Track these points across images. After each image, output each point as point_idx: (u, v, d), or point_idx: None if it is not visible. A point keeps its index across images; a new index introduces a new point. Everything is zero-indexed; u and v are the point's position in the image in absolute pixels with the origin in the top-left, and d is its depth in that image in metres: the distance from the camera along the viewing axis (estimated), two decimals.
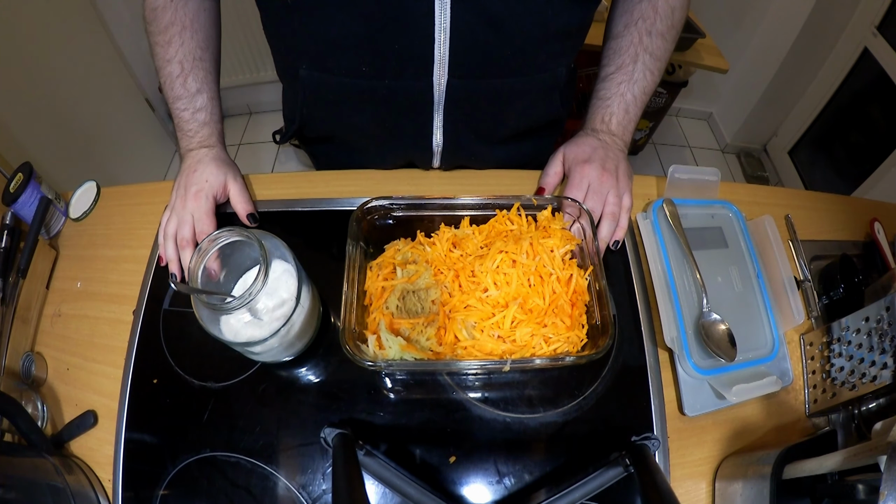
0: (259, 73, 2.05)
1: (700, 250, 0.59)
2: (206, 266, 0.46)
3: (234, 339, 0.45)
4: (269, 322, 0.47)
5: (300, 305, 0.47)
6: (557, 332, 0.50)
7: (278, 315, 0.47)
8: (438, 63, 0.53)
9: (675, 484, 0.50)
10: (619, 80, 0.62)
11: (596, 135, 0.63)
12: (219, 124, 0.63)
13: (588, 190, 0.60)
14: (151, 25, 0.59)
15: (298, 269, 0.48)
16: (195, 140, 0.61)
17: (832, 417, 0.54)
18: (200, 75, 0.60)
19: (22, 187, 0.62)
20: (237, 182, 0.62)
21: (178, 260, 0.58)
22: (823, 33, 1.79)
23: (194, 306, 0.45)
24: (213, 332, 0.45)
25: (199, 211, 0.58)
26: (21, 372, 0.54)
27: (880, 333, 0.50)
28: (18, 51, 1.36)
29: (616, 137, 0.63)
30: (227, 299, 0.43)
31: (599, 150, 0.61)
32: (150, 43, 0.60)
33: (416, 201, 0.56)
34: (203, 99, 0.61)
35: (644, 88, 0.62)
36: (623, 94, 0.62)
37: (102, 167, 1.73)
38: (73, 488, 0.46)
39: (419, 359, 0.47)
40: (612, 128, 0.63)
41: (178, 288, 0.48)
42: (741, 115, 2.17)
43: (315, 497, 0.48)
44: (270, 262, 0.45)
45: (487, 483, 0.49)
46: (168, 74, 0.60)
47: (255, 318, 0.47)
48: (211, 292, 0.44)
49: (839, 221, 0.71)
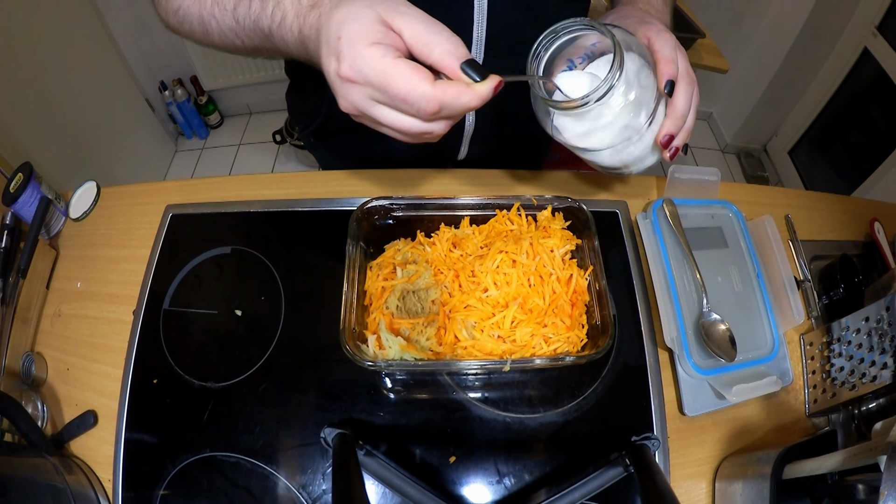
0: (259, 73, 2.05)
1: (700, 250, 0.59)
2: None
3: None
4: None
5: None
6: (557, 332, 0.50)
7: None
8: (476, 44, 0.55)
9: (675, 484, 0.50)
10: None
11: (636, 4, 0.55)
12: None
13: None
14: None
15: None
16: (289, 15, 0.40)
17: (832, 417, 0.54)
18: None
19: (22, 187, 0.62)
20: (410, 11, 0.36)
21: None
22: (823, 33, 1.79)
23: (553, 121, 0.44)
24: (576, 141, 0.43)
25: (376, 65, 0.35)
26: (21, 372, 0.54)
27: (880, 333, 0.50)
28: (18, 51, 1.36)
29: (656, 10, 0.55)
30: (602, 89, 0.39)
31: (650, 16, 0.51)
32: (179, 10, 0.47)
33: (416, 201, 0.56)
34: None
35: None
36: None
37: (102, 167, 1.73)
38: (73, 488, 0.46)
39: (419, 359, 0.47)
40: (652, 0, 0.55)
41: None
42: (741, 115, 2.17)
43: (315, 497, 0.48)
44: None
45: (487, 483, 0.49)
46: (213, 1, 0.45)
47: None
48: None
49: (839, 221, 0.71)
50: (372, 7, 0.35)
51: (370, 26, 0.34)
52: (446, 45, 0.35)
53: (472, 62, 0.36)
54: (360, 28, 0.34)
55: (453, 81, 0.35)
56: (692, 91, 0.44)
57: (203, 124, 2.21)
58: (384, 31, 0.35)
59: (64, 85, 1.54)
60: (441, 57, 0.35)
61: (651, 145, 0.45)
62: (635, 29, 0.46)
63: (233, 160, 2.18)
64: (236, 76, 2.05)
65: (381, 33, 0.35)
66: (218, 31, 0.46)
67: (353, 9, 0.35)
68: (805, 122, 2.00)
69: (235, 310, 0.58)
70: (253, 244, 0.62)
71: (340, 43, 0.35)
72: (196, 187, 0.68)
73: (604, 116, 0.43)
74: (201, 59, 1.95)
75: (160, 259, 0.61)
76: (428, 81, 0.34)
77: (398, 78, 0.34)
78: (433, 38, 0.35)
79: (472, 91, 0.35)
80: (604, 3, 1.52)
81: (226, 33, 0.46)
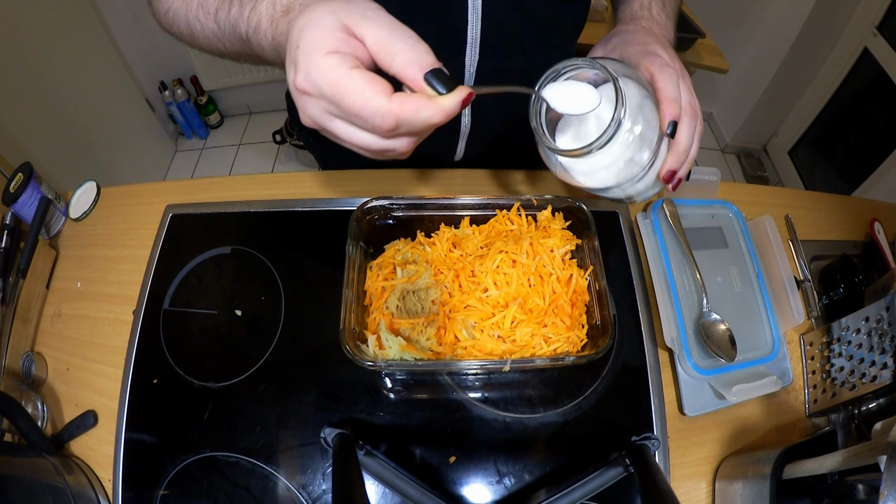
0: (259, 73, 2.05)
1: (700, 250, 0.59)
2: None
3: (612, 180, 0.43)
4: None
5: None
6: (557, 332, 0.50)
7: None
8: (471, 44, 0.55)
9: (675, 484, 0.50)
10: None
11: (638, 22, 0.53)
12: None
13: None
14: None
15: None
16: (263, 21, 0.38)
17: (832, 417, 0.54)
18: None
19: (22, 187, 0.62)
20: (374, 15, 0.33)
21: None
22: (823, 33, 1.79)
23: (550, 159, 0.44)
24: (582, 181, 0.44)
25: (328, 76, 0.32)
26: (21, 372, 0.54)
27: (880, 333, 0.50)
28: (18, 51, 1.36)
29: (659, 26, 0.54)
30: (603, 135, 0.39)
31: (652, 40, 0.49)
32: (169, 11, 0.46)
33: (416, 201, 0.56)
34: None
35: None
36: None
37: (102, 167, 1.73)
38: (73, 488, 0.46)
39: (419, 359, 0.47)
40: (654, 13, 0.54)
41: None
42: (741, 115, 2.17)
43: (315, 497, 0.48)
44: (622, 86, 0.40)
45: (487, 483, 0.49)
46: (198, 5, 0.43)
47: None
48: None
49: (839, 221, 0.71)
50: (334, 12, 0.32)
51: (329, 34, 0.32)
52: (409, 52, 0.32)
53: (438, 72, 0.32)
54: (318, 35, 0.32)
55: (413, 94, 0.32)
56: (695, 125, 0.43)
57: (203, 124, 2.22)
58: (345, 39, 0.32)
59: (64, 85, 1.54)
60: (403, 66, 0.32)
61: (654, 179, 0.45)
62: (638, 61, 0.44)
63: (233, 160, 2.18)
64: (236, 76, 2.05)
65: (340, 41, 0.32)
66: (203, 34, 0.44)
67: (314, 14, 0.33)
68: (805, 122, 2.00)
69: (235, 310, 0.58)
70: (253, 244, 0.62)
71: (298, 52, 0.32)
72: (196, 187, 0.68)
73: (608, 156, 0.43)
74: (201, 59, 1.95)
75: (160, 259, 0.61)
76: (383, 95, 0.31)
77: (350, 90, 0.31)
78: (396, 45, 0.32)
79: (435, 105, 0.32)
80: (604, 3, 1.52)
81: (209, 38, 0.44)
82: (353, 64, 0.31)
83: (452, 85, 0.32)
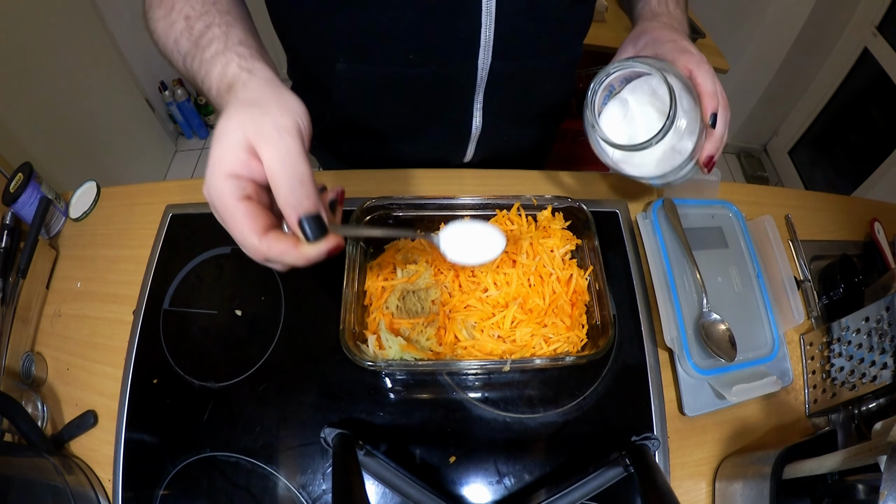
0: None
1: (700, 250, 0.59)
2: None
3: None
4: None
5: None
6: (557, 332, 0.50)
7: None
8: (483, 47, 0.55)
9: (675, 484, 0.50)
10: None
11: (659, 19, 0.56)
12: (241, 46, 0.40)
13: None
14: (150, 11, 0.46)
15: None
16: (213, 89, 0.39)
17: (832, 417, 0.54)
18: (211, 17, 0.42)
19: (22, 187, 0.62)
20: (276, 141, 0.33)
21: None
22: (823, 33, 1.79)
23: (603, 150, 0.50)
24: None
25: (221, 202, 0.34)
26: (21, 372, 0.54)
27: (880, 333, 0.50)
28: (18, 50, 1.36)
29: (678, 21, 0.56)
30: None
31: (680, 37, 0.52)
32: (155, 31, 0.46)
33: (416, 201, 0.56)
34: (213, 32, 0.41)
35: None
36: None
37: (102, 167, 1.73)
38: (73, 488, 0.46)
39: (419, 359, 0.47)
40: (671, 9, 0.57)
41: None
42: (741, 115, 2.17)
43: (315, 497, 0.48)
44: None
45: (487, 483, 0.49)
46: (174, 41, 0.43)
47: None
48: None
49: (839, 221, 0.71)
50: (243, 127, 0.33)
51: (233, 153, 0.32)
52: (290, 195, 0.32)
53: (311, 219, 0.33)
54: (223, 151, 0.33)
55: (282, 238, 0.33)
56: (727, 114, 0.49)
57: (203, 124, 2.21)
58: (245, 161, 0.33)
59: (64, 85, 1.54)
60: (283, 207, 0.33)
61: (693, 165, 0.49)
62: (674, 58, 0.48)
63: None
64: None
65: (241, 163, 0.32)
66: (177, 68, 0.45)
67: (228, 124, 0.33)
68: (805, 122, 2.00)
69: (235, 310, 0.58)
70: None
71: (209, 163, 0.33)
72: (196, 187, 0.68)
73: (657, 147, 0.47)
74: None
75: (160, 259, 0.61)
76: (256, 233, 0.33)
77: (233, 221, 0.33)
78: (282, 182, 0.32)
79: (297, 252, 0.34)
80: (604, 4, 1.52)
81: (181, 75, 0.45)
82: (242, 193, 0.33)
83: (322, 233, 0.34)
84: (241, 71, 0.37)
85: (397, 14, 0.51)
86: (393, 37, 0.54)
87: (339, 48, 0.56)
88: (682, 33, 0.54)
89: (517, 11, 0.53)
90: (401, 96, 0.61)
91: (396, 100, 0.62)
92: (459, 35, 0.54)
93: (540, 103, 0.69)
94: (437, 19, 0.52)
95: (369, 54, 0.56)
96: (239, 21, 0.44)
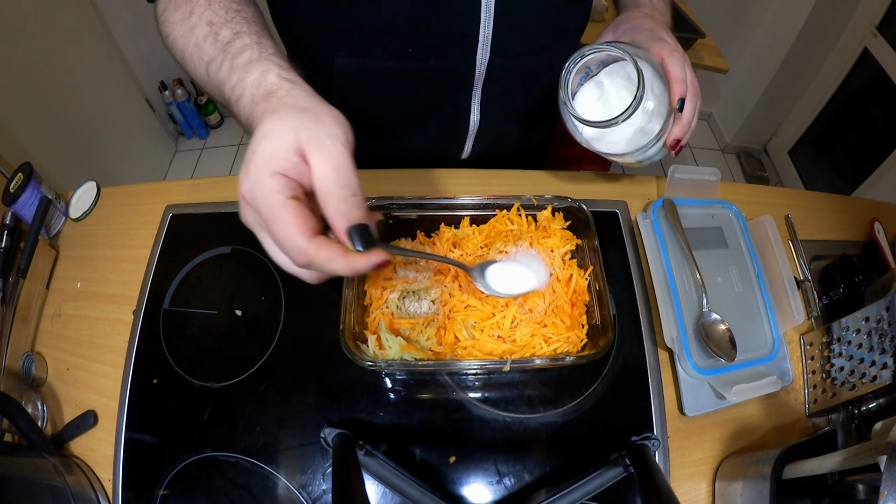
0: None
1: (700, 250, 0.59)
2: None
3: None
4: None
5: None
6: (557, 332, 0.50)
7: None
8: (482, 43, 0.55)
9: (675, 484, 0.50)
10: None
11: (642, 9, 0.58)
12: (276, 57, 0.40)
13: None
14: (166, 14, 0.46)
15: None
16: (245, 96, 0.38)
17: (832, 417, 0.54)
18: (239, 25, 0.43)
19: (22, 187, 0.62)
20: (329, 148, 0.33)
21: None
22: (823, 33, 1.79)
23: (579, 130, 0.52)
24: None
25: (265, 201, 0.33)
26: (21, 372, 0.54)
27: (880, 333, 0.50)
28: (19, 51, 1.36)
29: (660, 13, 0.59)
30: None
31: (658, 26, 0.54)
32: (171, 35, 0.46)
33: (416, 201, 0.56)
34: (245, 40, 0.41)
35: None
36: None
37: (102, 167, 1.73)
38: (73, 488, 0.46)
39: (419, 359, 0.47)
40: (655, 1, 0.60)
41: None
42: (741, 115, 2.17)
43: (315, 497, 0.48)
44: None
45: (487, 483, 0.49)
46: (195, 46, 0.43)
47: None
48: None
49: (839, 221, 0.71)
50: (296, 130, 0.32)
51: (283, 153, 0.32)
52: (341, 204, 0.32)
53: (362, 228, 0.33)
54: (271, 151, 0.32)
55: (331, 243, 0.33)
56: (696, 101, 0.51)
57: (203, 124, 2.22)
58: (295, 163, 0.32)
59: (64, 85, 1.54)
60: (332, 215, 0.33)
61: (661, 146, 0.52)
62: (649, 45, 0.51)
63: (233, 160, 2.17)
64: None
65: (291, 164, 0.32)
66: (194, 74, 0.45)
67: (278, 125, 0.33)
68: (805, 122, 2.00)
69: (235, 310, 0.58)
70: (253, 244, 0.60)
71: (252, 159, 0.33)
72: (196, 187, 0.68)
73: (627, 126, 0.50)
74: None
75: (160, 259, 0.61)
76: (305, 234, 0.32)
77: (280, 220, 0.32)
78: (334, 190, 0.32)
79: (346, 260, 0.33)
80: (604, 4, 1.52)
81: (198, 80, 0.45)
82: (291, 193, 0.32)
83: (371, 245, 0.34)
84: (283, 81, 0.37)
85: (396, 8, 0.52)
86: (392, 31, 0.54)
87: (339, 42, 0.56)
88: (663, 24, 0.56)
89: (516, 7, 0.53)
90: (399, 91, 0.61)
91: (395, 94, 0.62)
92: (458, 30, 0.54)
93: (538, 100, 0.70)
94: (436, 14, 0.53)
95: (368, 49, 0.56)
96: (267, 33, 0.44)
